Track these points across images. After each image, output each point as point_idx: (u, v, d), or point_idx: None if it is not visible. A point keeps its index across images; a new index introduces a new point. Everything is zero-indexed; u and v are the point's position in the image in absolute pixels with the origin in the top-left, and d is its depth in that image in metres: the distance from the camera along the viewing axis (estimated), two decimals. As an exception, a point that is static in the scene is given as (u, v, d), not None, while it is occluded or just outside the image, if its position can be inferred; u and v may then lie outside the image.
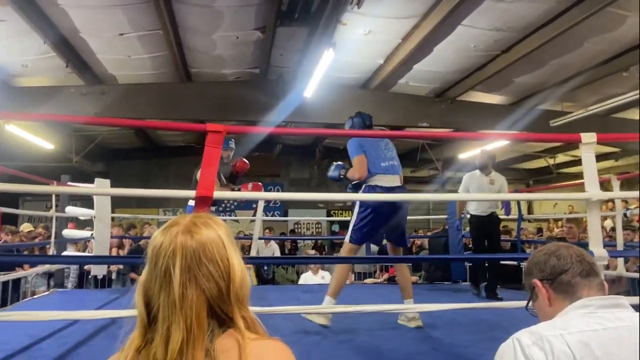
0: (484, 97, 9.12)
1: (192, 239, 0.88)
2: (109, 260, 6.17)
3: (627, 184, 7.34)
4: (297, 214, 13.38)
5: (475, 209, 5.26)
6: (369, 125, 3.96)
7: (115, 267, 6.86)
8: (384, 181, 3.54)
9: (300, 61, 7.58)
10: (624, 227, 4.95)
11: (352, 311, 3.07)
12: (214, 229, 0.91)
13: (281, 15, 6.01)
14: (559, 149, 12.53)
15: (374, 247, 5.42)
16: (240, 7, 5.89)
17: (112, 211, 5.75)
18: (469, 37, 6.51)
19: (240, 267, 0.91)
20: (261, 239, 7.33)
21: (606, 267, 3.56)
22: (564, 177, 14.05)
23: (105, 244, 5.43)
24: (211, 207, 4.27)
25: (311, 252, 9.17)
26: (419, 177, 14.76)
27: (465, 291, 5.70)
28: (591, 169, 2.78)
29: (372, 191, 3.53)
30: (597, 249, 2.69)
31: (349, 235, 3.58)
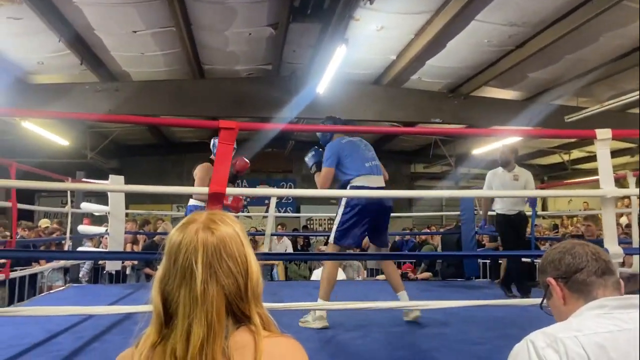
0: (498, 93, 9.03)
1: (213, 235, 0.89)
2: (126, 256, 6.26)
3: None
4: (310, 210, 13.39)
5: (501, 208, 5.07)
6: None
7: (129, 263, 6.94)
8: (370, 181, 3.51)
9: (312, 57, 7.57)
10: (640, 223, 4.86)
11: (364, 308, 3.07)
12: (231, 226, 0.92)
13: (294, 11, 6.01)
14: (574, 144, 12.39)
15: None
16: (252, 3, 5.89)
17: (126, 207, 5.83)
18: (482, 32, 6.45)
19: (256, 263, 0.92)
20: (274, 235, 7.37)
21: (621, 264, 3.52)
22: (579, 173, 13.87)
23: (119, 239, 5.51)
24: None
25: (323, 248, 9.18)
26: (432, 173, 14.70)
27: (478, 288, 5.68)
28: (606, 165, 2.76)
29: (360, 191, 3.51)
30: (613, 246, 2.67)
31: (333, 235, 3.54)
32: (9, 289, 5.52)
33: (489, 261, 6.80)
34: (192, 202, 4.52)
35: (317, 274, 7.00)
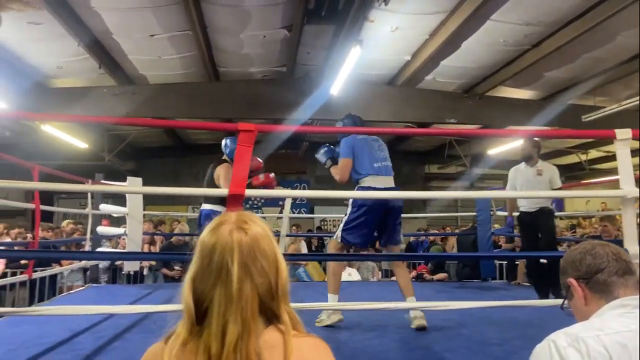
0: (514, 93, 8.97)
1: (247, 235, 0.91)
2: (146, 256, 6.34)
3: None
4: (324, 211, 13.40)
5: (523, 205, 4.93)
6: (361, 125, 3.93)
7: (146, 263, 7.02)
8: (377, 182, 3.51)
9: (326, 59, 7.59)
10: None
11: (381, 308, 3.08)
12: (260, 225, 0.95)
13: (308, 13, 6.03)
14: (592, 144, 12.24)
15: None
16: (267, 6, 5.94)
17: (143, 208, 5.90)
18: (498, 31, 6.41)
19: (284, 262, 0.94)
20: (288, 235, 7.39)
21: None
22: (597, 173, 13.70)
23: (137, 240, 5.59)
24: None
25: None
26: (447, 174, 14.62)
27: (494, 289, 5.64)
28: (626, 166, 2.74)
29: (366, 191, 3.51)
30: (633, 246, 2.64)
31: (339, 234, 3.55)
32: (30, 289, 5.63)
33: (506, 262, 6.75)
34: (206, 206, 4.47)
35: (332, 275, 7.01)
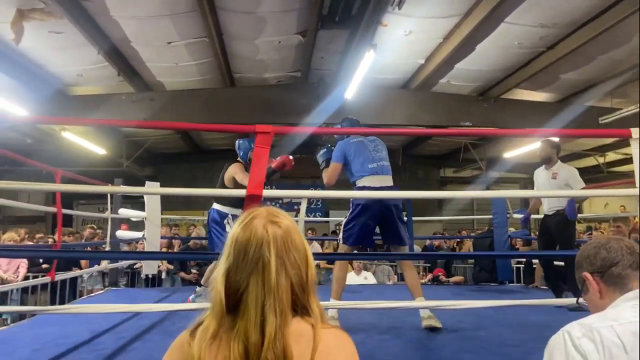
0: (529, 95, 8.92)
1: (280, 228, 0.94)
2: (168, 256, 6.48)
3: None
4: (339, 214, 13.36)
5: (543, 208, 4.86)
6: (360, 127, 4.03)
7: (164, 267, 7.12)
8: (372, 181, 3.56)
9: (340, 63, 7.64)
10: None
11: (396, 307, 3.09)
12: (289, 218, 0.98)
13: (322, 18, 6.09)
14: (609, 146, 12.08)
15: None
16: (282, 12, 6.00)
17: (160, 213, 5.99)
18: (512, 34, 6.40)
19: (311, 255, 0.97)
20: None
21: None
22: (615, 176, 13.51)
23: (155, 244, 5.68)
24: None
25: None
26: (462, 177, 14.56)
27: (511, 292, 5.60)
28: (643, 165, 2.71)
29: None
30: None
31: (341, 236, 3.62)
32: (51, 292, 5.74)
33: (523, 265, 6.70)
34: (215, 206, 4.53)
35: (347, 279, 7.02)
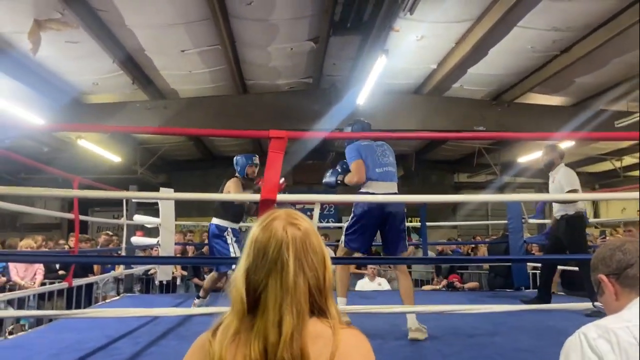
0: (543, 99, 8.85)
1: (299, 230, 0.96)
2: (182, 261, 6.57)
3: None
4: (351, 221, 13.36)
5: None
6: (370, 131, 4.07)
7: (179, 273, 7.17)
8: (378, 188, 3.52)
9: (352, 69, 7.66)
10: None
11: (411, 311, 3.08)
12: (307, 221, 0.99)
13: (334, 25, 6.11)
14: (626, 150, 11.92)
15: None
16: (294, 19, 6.04)
17: (175, 219, 6.04)
18: (525, 38, 6.36)
19: (329, 258, 0.98)
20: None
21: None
22: (633, 180, 13.33)
23: (170, 250, 5.71)
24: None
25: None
26: (476, 183, 14.45)
27: (528, 298, 5.53)
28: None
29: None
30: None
31: (343, 239, 3.63)
32: (67, 298, 5.80)
33: (539, 271, 6.62)
34: (214, 220, 4.59)
35: (360, 284, 7.01)
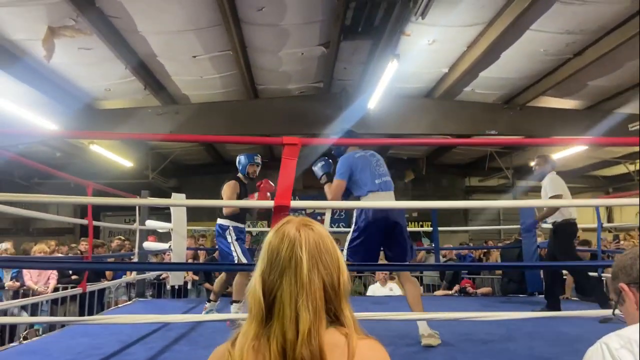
0: (556, 102, 8.77)
1: (313, 231, 0.96)
2: (195, 267, 6.53)
3: None
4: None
5: None
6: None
7: (190, 278, 7.19)
8: (378, 198, 3.49)
9: (363, 73, 7.65)
10: None
11: (426, 318, 3.05)
12: (321, 226, 1.00)
13: (345, 29, 6.10)
14: (640, 154, 11.78)
15: None
16: (305, 24, 6.05)
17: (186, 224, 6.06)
18: (538, 41, 6.32)
19: (344, 262, 0.98)
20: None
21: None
22: (647, 183, 13.15)
23: (182, 255, 5.75)
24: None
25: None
26: (488, 187, 14.36)
27: (541, 303, 5.47)
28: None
29: (366, 209, 3.50)
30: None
31: (346, 253, 3.54)
32: (79, 303, 5.84)
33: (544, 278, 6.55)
34: (219, 220, 4.60)
35: (372, 290, 6.99)
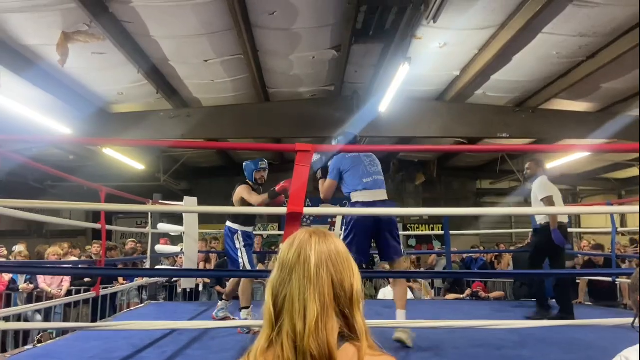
0: (569, 105, 8.70)
1: (325, 238, 0.98)
2: (206, 274, 6.57)
3: None
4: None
5: None
6: (358, 142, 4.18)
7: (201, 281, 7.22)
8: (365, 196, 3.63)
9: (374, 77, 7.64)
10: None
11: (439, 327, 3.04)
12: (335, 238, 1.00)
13: (356, 33, 6.10)
14: (654, 156, 11.64)
15: None
16: (316, 28, 6.06)
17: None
18: (550, 44, 6.27)
19: (358, 270, 0.98)
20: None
21: None
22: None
23: (194, 258, 5.78)
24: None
25: (387, 267, 9.05)
26: (499, 189, 14.26)
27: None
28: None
29: (354, 207, 3.68)
30: None
31: None
32: (92, 306, 5.89)
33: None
34: (227, 223, 4.62)
35: (383, 293, 6.97)
